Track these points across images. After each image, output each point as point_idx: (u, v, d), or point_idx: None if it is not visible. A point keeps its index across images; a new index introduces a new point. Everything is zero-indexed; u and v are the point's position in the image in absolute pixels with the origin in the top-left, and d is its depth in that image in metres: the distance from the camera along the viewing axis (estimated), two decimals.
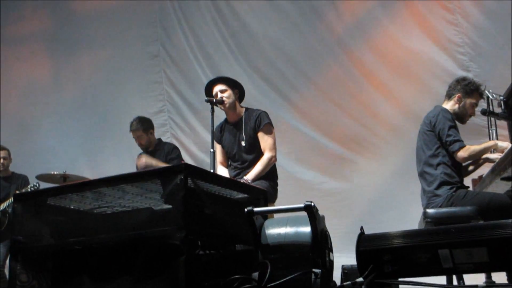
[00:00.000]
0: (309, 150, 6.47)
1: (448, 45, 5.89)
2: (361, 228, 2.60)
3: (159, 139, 5.83)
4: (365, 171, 6.23)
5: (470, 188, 4.16)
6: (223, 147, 4.65)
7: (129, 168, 5.74)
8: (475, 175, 4.48)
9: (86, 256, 2.92)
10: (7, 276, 4.35)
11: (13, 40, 8.32)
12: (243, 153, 4.50)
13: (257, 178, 4.33)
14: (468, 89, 4.17)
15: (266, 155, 4.41)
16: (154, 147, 5.65)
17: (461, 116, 4.22)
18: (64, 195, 2.99)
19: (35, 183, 6.03)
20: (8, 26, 8.37)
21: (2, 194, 6.31)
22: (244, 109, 4.63)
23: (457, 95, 4.18)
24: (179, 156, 5.59)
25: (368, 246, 2.51)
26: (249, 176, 4.30)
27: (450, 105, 4.21)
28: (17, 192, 6.08)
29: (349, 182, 6.26)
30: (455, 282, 3.69)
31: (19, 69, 8.30)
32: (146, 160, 5.38)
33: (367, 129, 6.22)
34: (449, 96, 4.25)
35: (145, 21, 7.46)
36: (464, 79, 4.26)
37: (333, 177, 6.31)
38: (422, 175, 4.10)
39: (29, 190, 6.02)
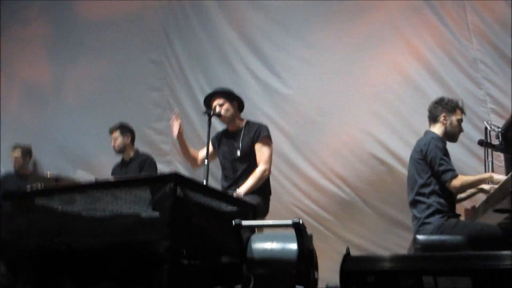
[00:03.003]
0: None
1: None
2: (347, 248, 2.58)
3: (137, 150, 5.70)
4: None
5: (462, 218, 4.15)
6: (218, 155, 4.65)
7: None
8: (468, 204, 4.46)
9: (70, 259, 2.90)
10: None
11: (16, 41, 8.29)
12: (236, 162, 4.48)
13: (250, 191, 4.28)
14: (450, 107, 4.19)
15: (260, 168, 4.38)
16: (129, 159, 5.57)
17: (451, 135, 4.20)
18: (51, 196, 2.99)
19: (40, 183, 5.99)
20: (13, 27, 8.36)
21: None
22: (245, 121, 4.63)
23: (442, 115, 4.18)
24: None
25: (353, 267, 2.49)
26: (241, 190, 4.26)
27: (438, 128, 4.19)
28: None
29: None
30: None
31: (22, 71, 8.31)
32: None
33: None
34: (434, 119, 4.23)
35: (149, 28, 7.43)
36: (442, 99, 4.25)
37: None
38: (414, 203, 4.07)
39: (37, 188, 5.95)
